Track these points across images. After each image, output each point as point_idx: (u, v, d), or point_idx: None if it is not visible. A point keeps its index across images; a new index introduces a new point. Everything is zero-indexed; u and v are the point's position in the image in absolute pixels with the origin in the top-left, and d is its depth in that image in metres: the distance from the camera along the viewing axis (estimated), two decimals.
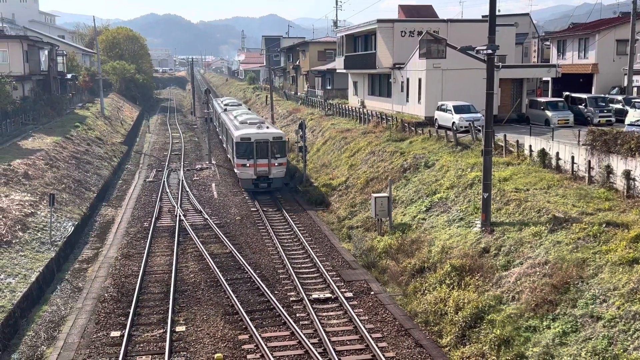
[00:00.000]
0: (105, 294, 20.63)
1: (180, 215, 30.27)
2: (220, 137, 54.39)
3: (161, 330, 17.71)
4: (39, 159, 34.44)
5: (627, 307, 13.41)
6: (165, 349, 16.36)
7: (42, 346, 17.15)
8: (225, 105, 55.64)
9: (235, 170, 36.05)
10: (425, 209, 24.24)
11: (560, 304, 14.80)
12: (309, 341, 16.48)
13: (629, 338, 12.80)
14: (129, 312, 18.65)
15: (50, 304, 20.10)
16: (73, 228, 27.13)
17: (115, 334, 17.55)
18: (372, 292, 20.38)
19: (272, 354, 15.86)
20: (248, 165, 34.45)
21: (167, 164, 46.92)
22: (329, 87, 65.28)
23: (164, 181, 39.44)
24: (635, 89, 42.03)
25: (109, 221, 31.06)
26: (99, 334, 17.58)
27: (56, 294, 21.02)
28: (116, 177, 42.64)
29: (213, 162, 46.91)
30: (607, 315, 13.57)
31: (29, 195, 28.19)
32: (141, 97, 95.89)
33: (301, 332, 17.05)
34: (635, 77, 41.20)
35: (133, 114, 77.84)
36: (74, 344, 17.03)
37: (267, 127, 36.63)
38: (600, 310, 13.83)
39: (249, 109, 55.20)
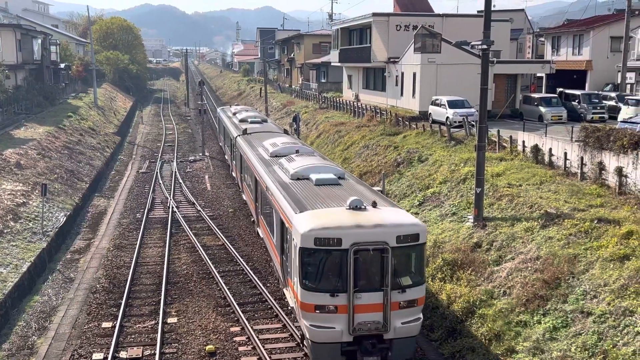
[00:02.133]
0: (97, 285, 20.59)
1: (173, 207, 30.22)
2: (233, 173, 34.33)
3: (153, 322, 17.69)
4: (31, 148, 34.28)
5: (618, 303, 13.49)
6: (156, 340, 16.35)
7: (33, 336, 17.12)
8: (242, 121, 35.01)
9: (299, 316, 14.92)
10: (418, 203, 24.28)
11: (551, 299, 14.88)
12: (300, 333, 16.48)
13: (619, 334, 12.89)
14: (121, 303, 18.62)
15: (41, 295, 20.04)
16: (65, 218, 27.04)
17: (106, 324, 17.53)
18: None
19: (263, 346, 15.88)
20: (332, 308, 13.82)
21: (160, 155, 46.77)
22: (323, 80, 65.23)
23: (157, 172, 39.33)
24: (628, 86, 42.17)
25: (101, 212, 30.97)
26: (90, 325, 17.55)
27: (48, 284, 20.97)
28: (109, 168, 42.49)
29: (206, 154, 46.81)
30: (597, 311, 13.65)
31: (20, 184, 28.06)
32: (135, 88, 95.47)
33: (293, 324, 17.07)
34: (628, 74, 41.32)
35: (126, 105, 77.51)
36: (65, 334, 17.01)
37: (375, 206, 14.66)
38: (591, 306, 13.91)
39: (286, 132, 32.97)
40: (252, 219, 25.72)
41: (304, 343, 15.24)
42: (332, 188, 16.78)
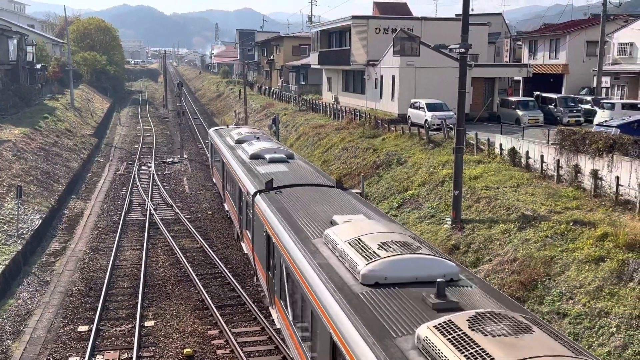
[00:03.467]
0: (73, 288, 20.35)
1: (150, 209, 29.97)
2: (244, 247, 20.99)
3: (130, 325, 17.52)
4: (6, 150, 33.78)
5: (593, 305, 13.65)
6: (133, 344, 16.19)
7: (8, 340, 16.85)
8: (254, 157, 22.35)
9: None
10: (397, 205, 24.37)
11: (528, 301, 15.01)
12: (279, 337, 16.45)
13: (594, 335, 13.04)
14: (97, 307, 18.42)
15: (16, 298, 19.74)
16: (41, 221, 26.68)
17: (82, 328, 17.32)
18: None
19: (242, 350, 15.81)
20: None
21: (138, 157, 46.37)
22: (303, 83, 65.23)
23: (134, 174, 38.99)
24: (604, 90, 42.77)
25: (77, 214, 30.62)
26: (66, 329, 17.33)
27: (23, 288, 20.66)
28: (85, 170, 42.03)
29: (185, 156, 46.53)
30: (573, 312, 13.80)
31: None
32: (112, 89, 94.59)
33: (271, 327, 17.02)
34: (604, 78, 41.92)
35: (104, 106, 76.79)
36: (40, 338, 16.77)
37: None
38: (567, 307, 14.06)
39: (340, 185, 17.89)
40: None
41: None
42: None
